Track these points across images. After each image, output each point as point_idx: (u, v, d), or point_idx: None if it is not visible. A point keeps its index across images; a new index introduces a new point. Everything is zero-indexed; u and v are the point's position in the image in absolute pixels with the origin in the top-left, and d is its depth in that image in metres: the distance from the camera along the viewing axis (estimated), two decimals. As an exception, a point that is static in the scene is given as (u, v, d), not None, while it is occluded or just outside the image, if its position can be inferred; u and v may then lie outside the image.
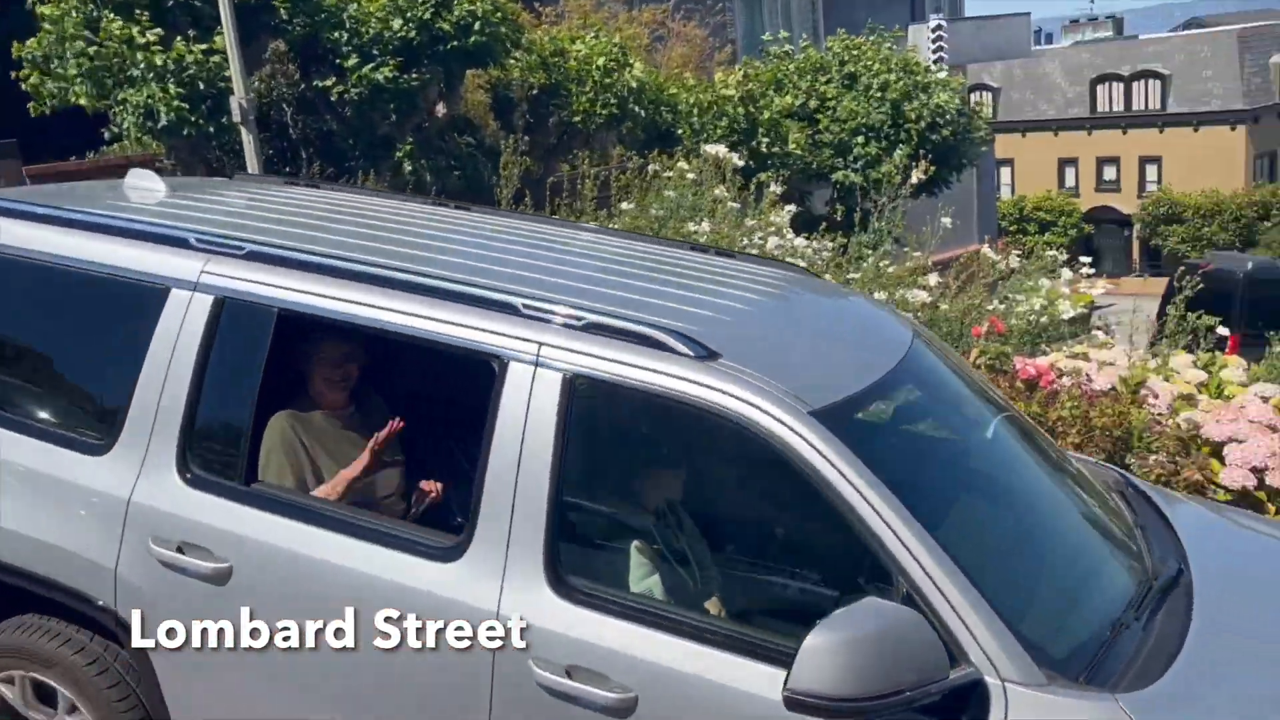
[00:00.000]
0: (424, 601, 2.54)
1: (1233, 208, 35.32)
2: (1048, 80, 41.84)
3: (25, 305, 3.11)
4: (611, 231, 5.49)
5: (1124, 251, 40.28)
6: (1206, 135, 37.10)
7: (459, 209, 4.00)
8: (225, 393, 2.85)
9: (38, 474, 2.88)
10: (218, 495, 2.76)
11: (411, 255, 3.03)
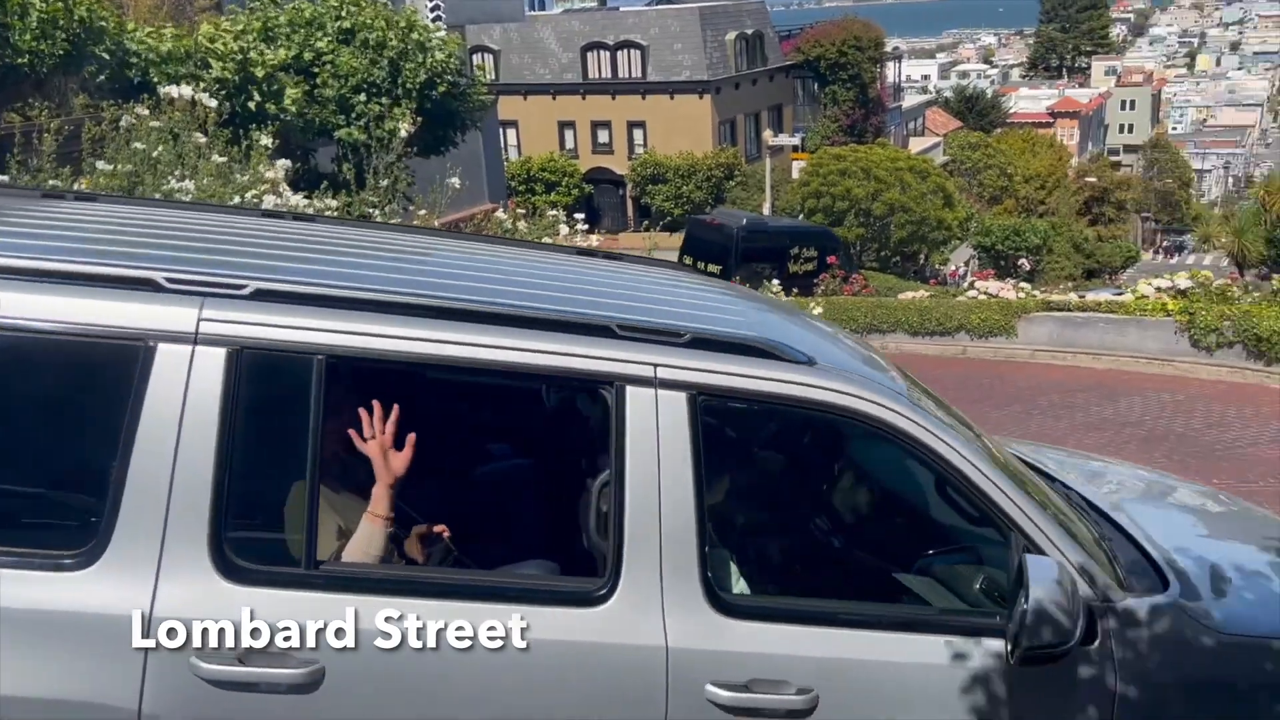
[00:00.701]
0: (585, 644, 2.37)
1: (705, 168, 40.05)
2: (543, 46, 44.10)
3: None
4: (474, 237, 4.95)
5: (621, 209, 44.01)
6: (680, 103, 41.54)
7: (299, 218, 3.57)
8: (265, 463, 2.36)
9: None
10: (276, 586, 2.28)
11: (410, 279, 2.69)
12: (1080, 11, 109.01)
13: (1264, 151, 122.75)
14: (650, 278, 3.30)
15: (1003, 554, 2.63)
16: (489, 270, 3.02)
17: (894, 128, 49.91)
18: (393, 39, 14.61)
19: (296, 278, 2.48)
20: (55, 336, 2.25)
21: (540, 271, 3.19)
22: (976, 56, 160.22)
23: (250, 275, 2.40)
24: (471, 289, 2.67)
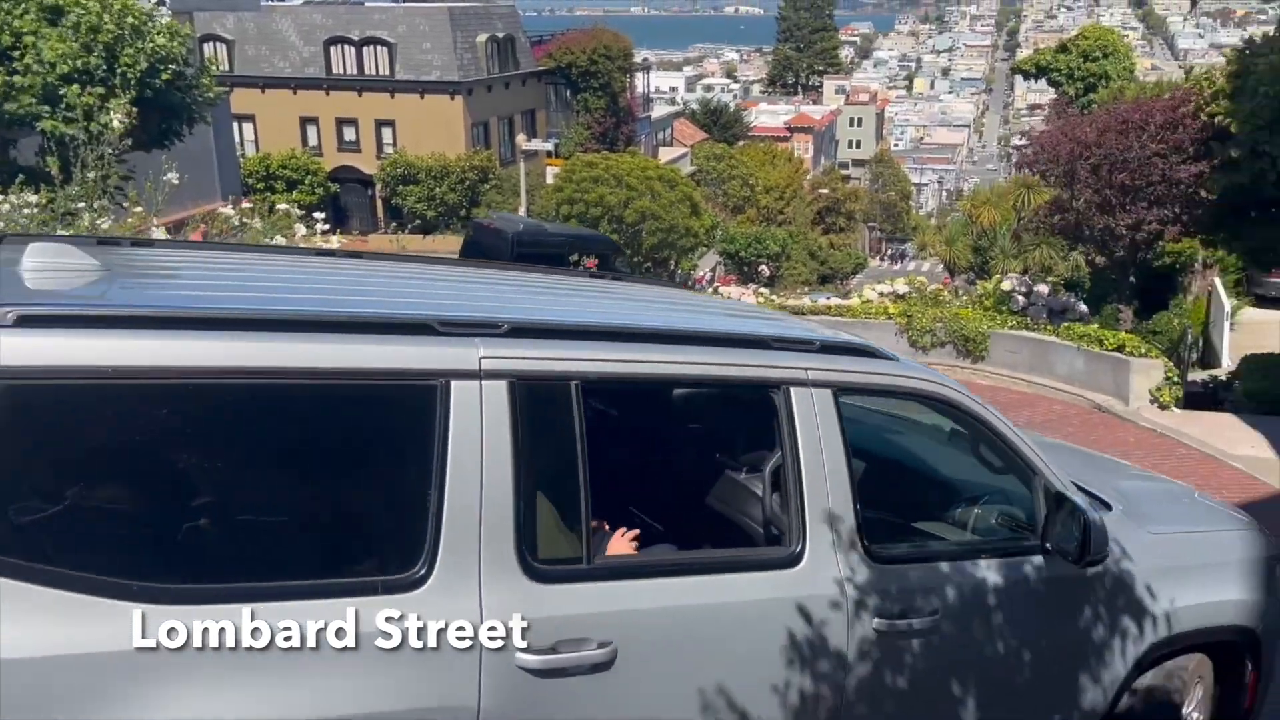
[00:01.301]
0: (788, 599, 2.98)
1: (458, 170, 39.45)
2: (282, 37, 41.93)
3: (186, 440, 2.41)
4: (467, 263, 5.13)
5: (369, 209, 42.56)
6: (431, 103, 40.70)
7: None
8: (545, 477, 2.70)
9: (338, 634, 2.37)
10: (577, 581, 2.71)
11: (603, 310, 3.40)
12: (813, 33, 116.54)
13: (971, 168, 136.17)
14: (717, 302, 4.61)
15: (1007, 502, 3.59)
16: (652, 301, 3.83)
17: (644, 137, 51.29)
18: (108, 22, 13.36)
19: (526, 315, 2.98)
20: (359, 381, 2.54)
21: (687, 303, 4.29)
22: (720, 71, 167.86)
23: (492, 314, 2.87)
24: (647, 316, 3.47)
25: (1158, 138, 14.21)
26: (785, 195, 58.63)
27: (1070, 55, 33.60)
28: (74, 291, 2.57)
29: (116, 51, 13.42)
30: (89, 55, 13.13)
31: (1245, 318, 22.45)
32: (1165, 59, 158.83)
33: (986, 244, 29.99)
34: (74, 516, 2.27)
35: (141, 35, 13.63)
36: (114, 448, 2.36)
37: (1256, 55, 12.45)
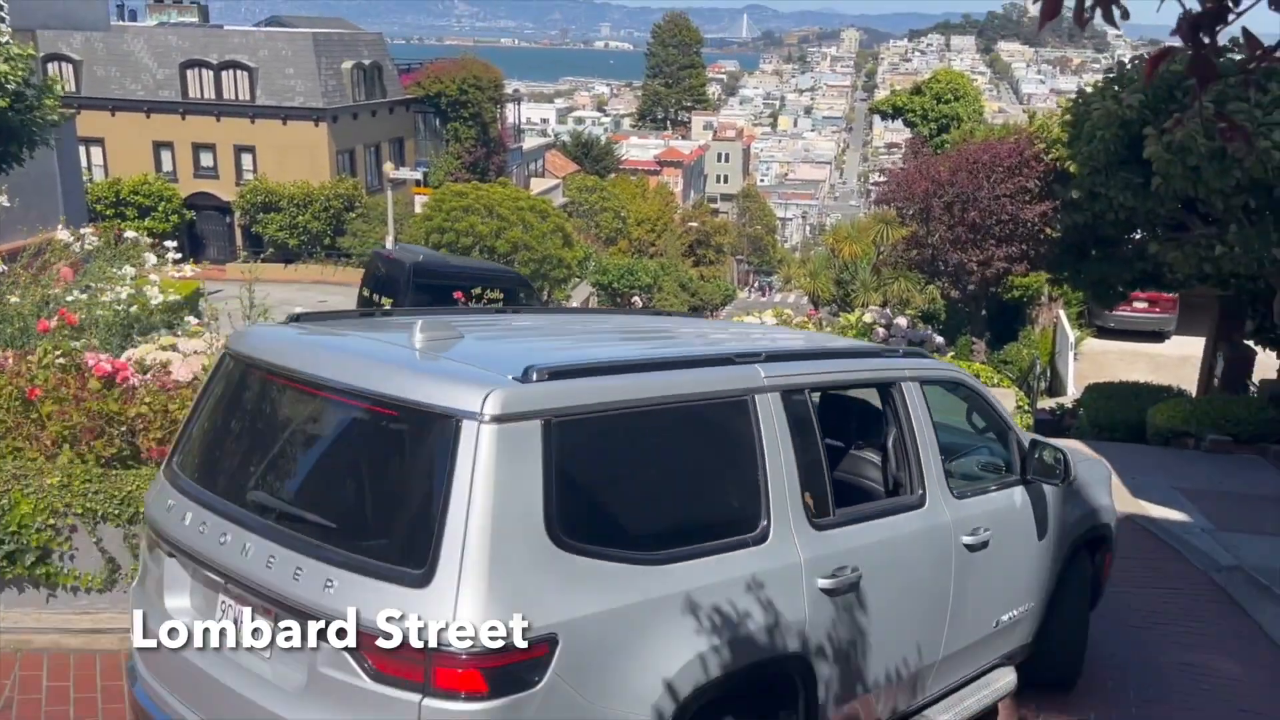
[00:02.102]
0: (932, 525, 4.40)
1: (323, 198, 38.44)
2: (135, 59, 40.16)
3: (627, 448, 3.39)
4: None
5: (228, 237, 41.01)
6: (294, 129, 39.62)
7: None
8: (804, 453, 3.75)
9: (711, 587, 3.31)
10: (834, 528, 3.80)
11: (738, 338, 4.97)
12: (681, 70, 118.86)
13: (833, 203, 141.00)
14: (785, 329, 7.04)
15: (991, 455, 4.99)
16: (761, 329, 6.05)
17: (515, 167, 51.15)
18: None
19: (756, 346, 4.09)
20: (714, 400, 3.59)
21: (776, 331, 6.64)
22: (591, 104, 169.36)
23: (745, 347, 4.04)
24: (796, 341, 5.38)
25: (1005, 179, 14.98)
26: (656, 228, 59.36)
27: (924, 97, 35.22)
28: (489, 353, 3.74)
29: (-53, 69, 12.58)
30: (-85, 72, 12.25)
31: (1088, 348, 23.81)
32: (1011, 102, 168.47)
33: (848, 277, 30.99)
34: (611, 510, 3.30)
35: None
36: (618, 458, 3.37)
37: (1090, 103, 13.24)
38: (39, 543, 4.99)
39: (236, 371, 3.69)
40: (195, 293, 18.25)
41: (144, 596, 3.68)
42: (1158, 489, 10.34)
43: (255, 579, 3.14)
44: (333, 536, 3.06)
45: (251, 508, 3.31)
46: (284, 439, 3.54)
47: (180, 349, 7.26)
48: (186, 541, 3.43)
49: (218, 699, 3.21)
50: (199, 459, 3.69)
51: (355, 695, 2.89)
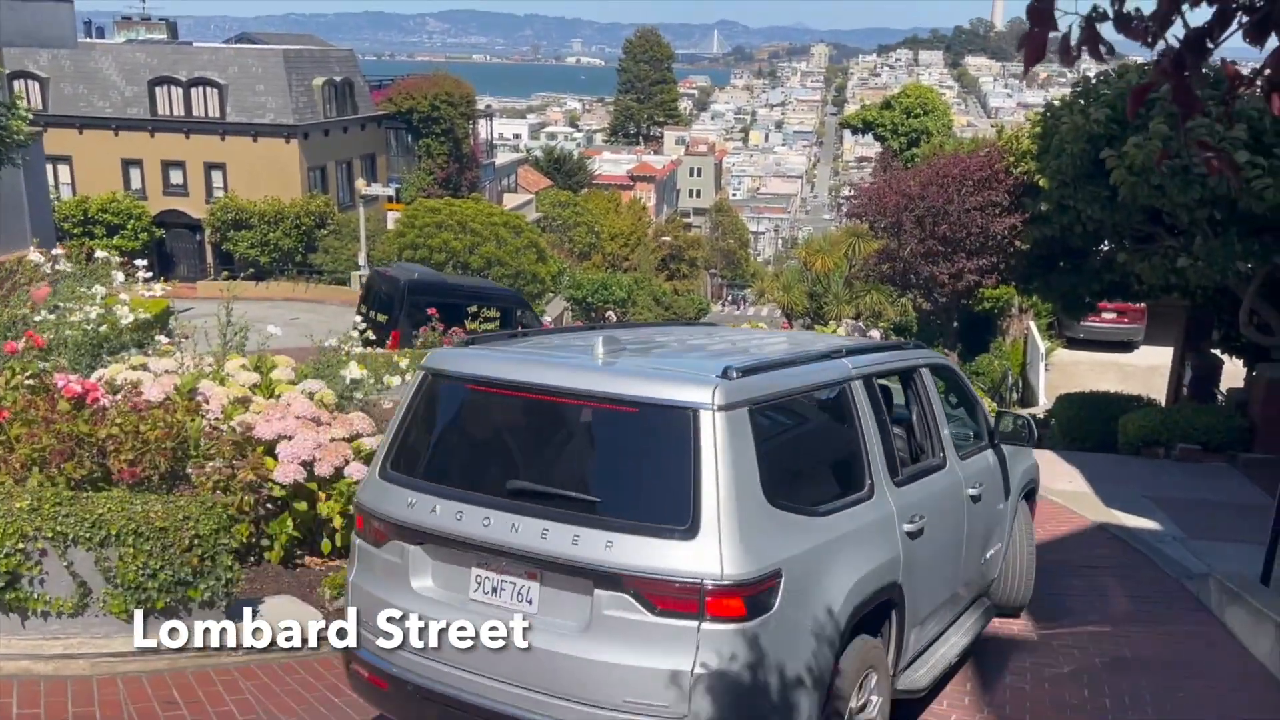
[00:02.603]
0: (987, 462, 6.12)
1: (294, 215, 38.20)
2: (103, 76, 39.82)
3: (791, 428, 4.57)
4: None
5: (198, 255, 40.65)
6: (265, 146, 39.37)
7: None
8: (886, 428, 4.85)
9: (851, 533, 4.36)
10: (905, 485, 4.83)
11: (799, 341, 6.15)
12: (653, 85, 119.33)
13: (805, 217, 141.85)
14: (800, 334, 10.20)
15: (964, 426, 6.05)
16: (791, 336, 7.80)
17: (488, 183, 51.09)
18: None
19: (834, 344, 5.27)
20: (642, 410, 3.93)
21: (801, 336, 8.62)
22: (563, 119, 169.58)
23: (830, 346, 5.10)
24: (836, 340, 6.23)
25: (975, 193, 15.14)
26: (630, 242, 59.45)
27: (894, 111, 35.56)
28: (679, 362, 4.78)
29: (-90, 87, 12.39)
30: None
31: (1058, 359, 24.06)
32: (979, 116, 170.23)
33: (821, 290, 31.17)
34: (789, 476, 4.21)
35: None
36: (784, 436, 4.41)
37: (1058, 117, 13.44)
38: (8, 567, 4.91)
39: (439, 386, 4.44)
40: (165, 311, 18.06)
41: (371, 585, 4.30)
42: (1129, 498, 10.45)
43: (527, 549, 3.88)
44: (599, 509, 3.86)
45: (511, 494, 4.00)
46: (522, 436, 4.28)
47: (151, 368, 7.19)
48: (442, 529, 4.09)
49: (481, 653, 3.92)
50: (427, 460, 4.37)
51: (640, 628, 3.70)
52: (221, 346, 8.08)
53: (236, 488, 5.92)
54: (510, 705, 3.89)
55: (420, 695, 4.10)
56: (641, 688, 3.70)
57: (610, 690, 3.74)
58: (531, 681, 3.86)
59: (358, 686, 4.46)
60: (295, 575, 6.44)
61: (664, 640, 3.68)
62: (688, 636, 3.67)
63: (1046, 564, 8.39)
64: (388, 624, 4.07)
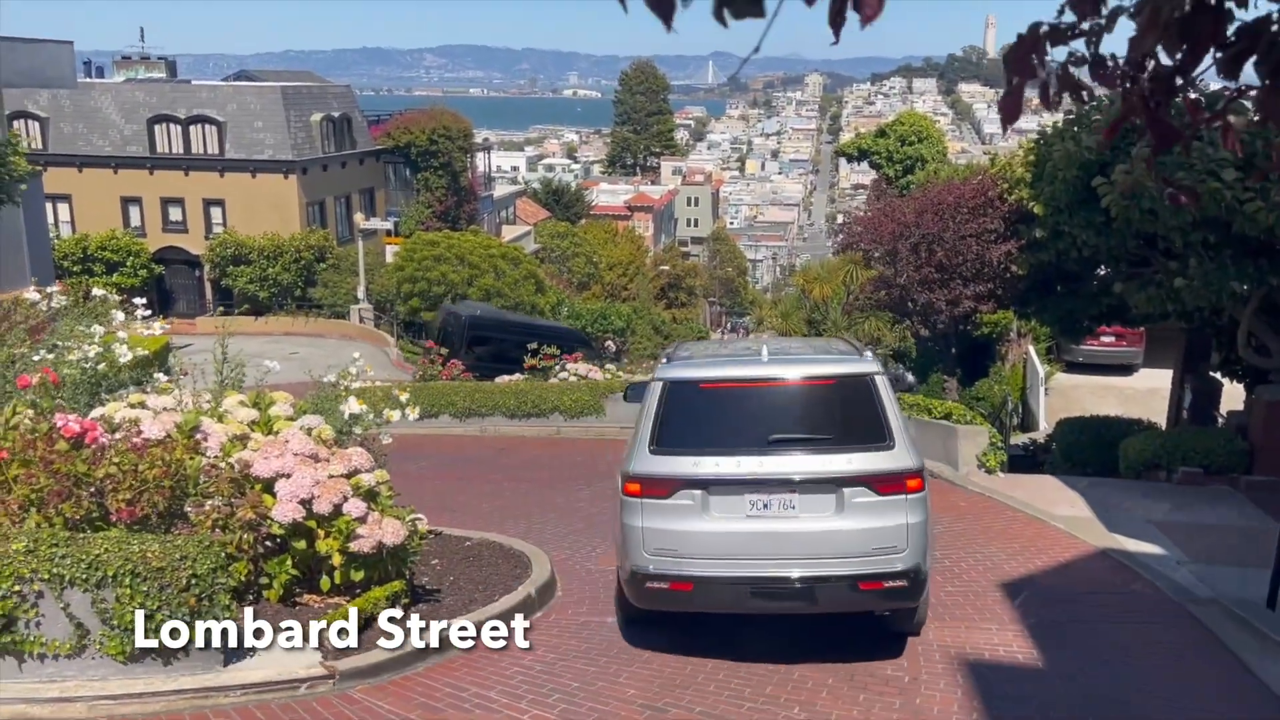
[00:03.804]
0: None
1: (293, 250, 38.30)
2: (102, 115, 40.07)
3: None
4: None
5: (197, 291, 40.71)
6: (264, 182, 39.55)
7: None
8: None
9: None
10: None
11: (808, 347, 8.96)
12: (649, 116, 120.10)
13: (802, 245, 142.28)
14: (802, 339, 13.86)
15: None
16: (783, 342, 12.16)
17: (486, 215, 51.29)
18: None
19: (854, 344, 8.01)
20: (838, 381, 6.87)
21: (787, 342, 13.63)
22: (561, 151, 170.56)
23: (853, 347, 7.65)
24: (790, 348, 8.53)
25: (970, 220, 15.21)
26: (628, 272, 59.56)
27: (889, 139, 35.78)
28: (821, 351, 7.86)
29: (-89, 129, 12.45)
30: (-122, 133, 12.13)
31: (1057, 383, 24.05)
32: (973, 142, 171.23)
33: (820, 317, 31.22)
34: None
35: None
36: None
37: (1051, 144, 13.53)
38: (3, 610, 4.89)
39: (677, 388, 6.89)
40: (164, 348, 18.06)
41: (664, 524, 6.59)
42: (1131, 522, 10.41)
43: (795, 472, 6.50)
44: (834, 444, 6.62)
45: (771, 443, 6.61)
46: (755, 410, 6.82)
47: (150, 405, 7.19)
48: (724, 474, 6.53)
49: (758, 540, 6.53)
50: (691, 437, 6.72)
51: (873, 505, 6.48)
52: (219, 383, 8.08)
53: (235, 526, 5.90)
54: (794, 565, 6.49)
55: (731, 583, 6.53)
56: (880, 539, 6.48)
57: (860, 545, 6.48)
58: (803, 551, 6.49)
59: (657, 598, 6.71)
60: (295, 613, 6.40)
61: (888, 509, 6.51)
62: (900, 505, 6.54)
63: (1050, 589, 8.37)
64: (682, 541, 6.53)
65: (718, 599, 6.59)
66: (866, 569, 6.45)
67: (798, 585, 6.46)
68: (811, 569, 6.44)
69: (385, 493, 6.91)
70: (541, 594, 7.72)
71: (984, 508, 11.12)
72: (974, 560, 9.07)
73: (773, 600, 6.55)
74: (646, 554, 6.56)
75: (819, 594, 6.48)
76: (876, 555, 6.44)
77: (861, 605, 6.70)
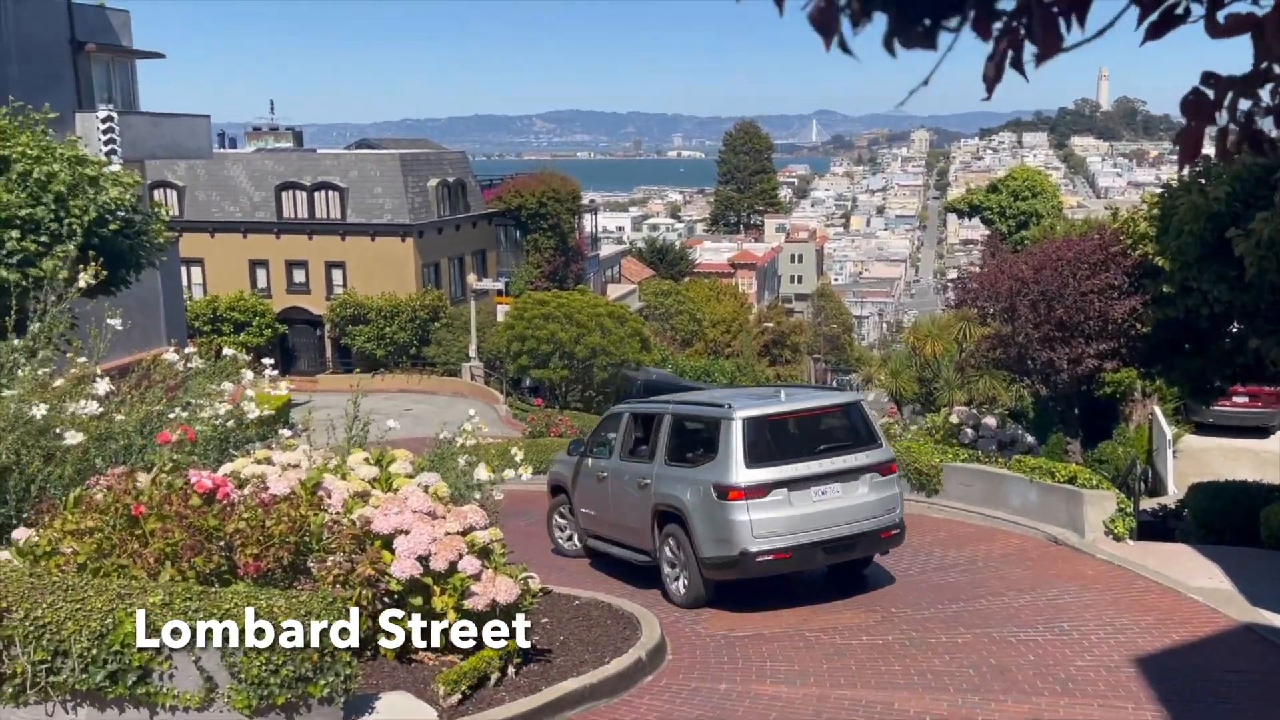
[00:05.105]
0: None
1: (409, 310, 39.57)
2: (234, 183, 42.37)
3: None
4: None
5: (318, 349, 42.32)
6: (382, 245, 41.10)
7: None
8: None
9: None
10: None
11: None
12: (752, 175, 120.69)
13: (909, 300, 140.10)
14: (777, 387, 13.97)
15: None
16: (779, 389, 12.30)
17: (592, 274, 52.11)
18: (60, 172, 13.27)
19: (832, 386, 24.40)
20: (843, 408, 10.78)
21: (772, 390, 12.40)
22: (665, 211, 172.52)
23: (826, 387, 23.06)
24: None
25: (1091, 275, 14.72)
26: (732, 329, 59.52)
27: (1001, 195, 35.10)
28: (823, 393, 13.12)
29: (66, 201, 13.33)
30: (35, 205, 13.01)
31: (1186, 445, 22.89)
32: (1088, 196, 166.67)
33: (930, 375, 30.50)
34: None
35: (98, 186, 13.57)
36: None
37: (1176, 197, 13.04)
38: (140, 662, 5.05)
39: (750, 422, 9.77)
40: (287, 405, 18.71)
41: (762, 515, 9.56)
42: (1277, 596, 9.75)
43: (839, 468, 9.85)
44: (852, 447, 10.10)
45: (820, 452, 9.94)
46: (805, 431, 10.32)
47: (275, 461, 7.44)
48: (799, 475, 9.68)
49: (822, 516, 9.73)
50: (769, 453, 9.79)
51: (880, 483, 10.11)
52: (348, 440, 8.32)
53: (355, 582, 6.02)
54: (846, 528, 9.80)
55: (812, 545, 9.70)
56: (887, 505, 10.14)
57: (880, 508, 10.05)
58: (850, 518, 9.83)
59: (764, 566, 9.61)
60: (410, 670, 6.47)
61: (888, 485, 10.20)
62: (892, 481, 10.32)
63: (1189, 666, 7.87)
64: (778, 523, 9.59)
65: (805, 559, 9.85)
66: (884, 523, 10.12)
67: (849, 540, 9.89)
68: (855, 528, 9.87)
69: (499, 550, 6.97)
70: (652, 657, 7.63)
71: (1113, 577, 10.57)
72: (1105, 633, 8.61)
73: (833, 554, 10.02)
74: (754, 537, 9.48)
75: (859, 545, 10.09)
76: (886, 514, 10.15)
77: (881, 548, 10.58)
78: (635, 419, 11.55)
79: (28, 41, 21.78)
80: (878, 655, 8.09)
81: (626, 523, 11.02)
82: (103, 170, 14.13)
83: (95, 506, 6.09)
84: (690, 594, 9.89)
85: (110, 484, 6.22)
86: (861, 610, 9.64)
